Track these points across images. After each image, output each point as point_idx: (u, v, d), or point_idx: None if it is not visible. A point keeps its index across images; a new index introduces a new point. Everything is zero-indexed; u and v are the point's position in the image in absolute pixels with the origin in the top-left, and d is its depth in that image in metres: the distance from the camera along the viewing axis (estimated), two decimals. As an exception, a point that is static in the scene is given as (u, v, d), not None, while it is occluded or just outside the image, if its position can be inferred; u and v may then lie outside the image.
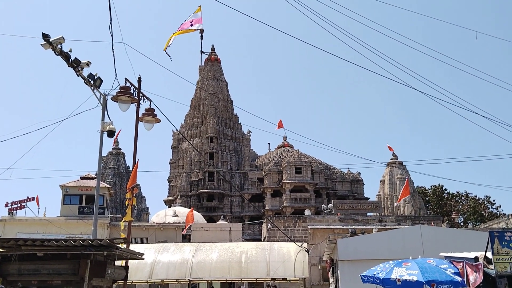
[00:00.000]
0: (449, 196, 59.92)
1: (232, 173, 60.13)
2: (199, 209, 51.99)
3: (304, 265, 13.08)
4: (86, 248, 7.42)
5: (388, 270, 7.16)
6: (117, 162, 54.07)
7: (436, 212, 54.28)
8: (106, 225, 30.72)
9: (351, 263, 11.53)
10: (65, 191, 32.35)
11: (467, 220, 56.06)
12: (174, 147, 65.99)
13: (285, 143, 65.84)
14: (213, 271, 13.54)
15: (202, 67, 67.60)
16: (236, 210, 58.26)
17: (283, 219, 35.28)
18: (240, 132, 65.88)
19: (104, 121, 10.28)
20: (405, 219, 34.88)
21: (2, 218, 30.53)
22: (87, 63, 9.84)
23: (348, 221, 33.20)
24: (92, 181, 32.02)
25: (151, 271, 13.25)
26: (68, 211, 31.58)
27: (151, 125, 11.13)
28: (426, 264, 7.09)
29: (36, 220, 30.55)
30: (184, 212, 39.77)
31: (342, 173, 61.53)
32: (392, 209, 46.20)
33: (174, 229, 34.23)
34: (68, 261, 7.67)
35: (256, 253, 13.97)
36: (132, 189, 10.40)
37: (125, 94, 10.33)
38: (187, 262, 13.52)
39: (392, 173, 47.96)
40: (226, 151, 61.91)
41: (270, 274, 13.14)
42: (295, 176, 54.41)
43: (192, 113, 65.86)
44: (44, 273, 7.64)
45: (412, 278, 6.72)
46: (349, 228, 28.54)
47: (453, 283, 6.71)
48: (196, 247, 14.67)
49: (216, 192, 58.28)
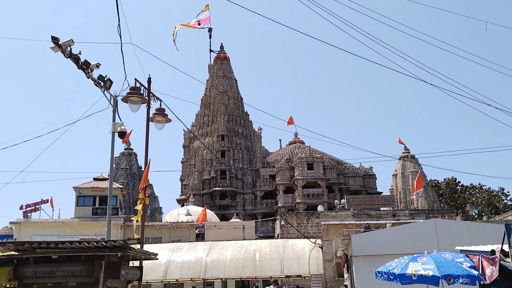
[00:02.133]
0: (463, 188, 59.37)
1: (244, 171, 60.17)
2: (211, 207, 52.13)
3: (319, 262, 13.04)
4: (100, 249, 7.45)
5: (403, 265, 7.08)
6: (129, 163, 54.40)
7: (450, 205, 53.81)
8: (120, 226, 30.92)
9: (365, 258, 11.45)
10: (78, 192, 32.63)
11: (481, 213, 55.51)
12: (185, 146, 66.19)
13: (296, 139, 65.67)
14: (227, 269, 13.54)
15: (212, 66, 67.65)
16: (248, 208, 58.31)
17: (296, 216, 35.21)
18: (251, 129, 65.87)
19: (115, 122, 10.31)
20: (418, 213, 34.61)
21: (17, 221, 30.89)
22: (96, 64, 9.87)
23: (361, 216, 33.03)
24: (105, 182, 32.26)
25: (165, 270, 13.29)
26: (82, 213, 31.85)
27: (162, 125, 11.14)
28: (442, 258, 7.00)
29: (51, 222, 30.86)
30: (197, 210, 39.90)
31: (354, 168, 61.24)
32: (405, 203, 45.89)
33: (187, 228, 34.36)
34: (82, 263, 7.71)
35: (270, 250, 13.95)
36: (144, 189, 10.43)
37: (135, 94, 10.35)
38: (201, 261, 13.54)
39: (405, 167, 47.60)
40: (238, 148, 61.94)
41: (284, 271, 13.11)
42: (307, 172, 54.28)
43: (203, 111, 65.98)
44: (59, 275, 7.68)
45: (428, 273, 6.64)
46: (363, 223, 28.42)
47: (470, 277, 6.62)
48: (210, 245, 14.69)
49: (228, 190, 58.37)
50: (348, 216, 33.53)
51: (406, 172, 47.16)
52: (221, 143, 60.37)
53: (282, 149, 66.62)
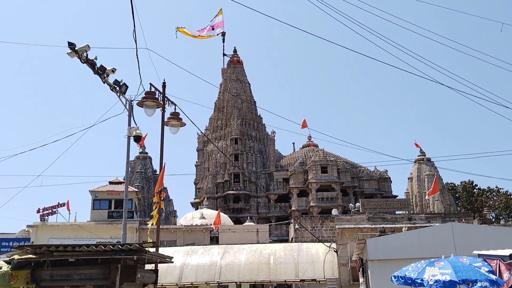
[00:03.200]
0: (480, 192, 58.58)
1: (257, 174, 60.17)
2: (225, 211, 52.19)
3: (334, 266, 12.96)
4: (116, 252, 7.50)
5: (420, 270, 6.99)
6: (144, 166, 54.76)
7: (467, 208, 53.14)
8: (135, 229, 31.12)
9: (381, 262, 11.35)
10: (94, 196, 32.93)
11: (499, 216, 54.70)
12: (199, 150, 66.44)
13: (309, 142, 65.48)
14: (241, 273, 13.54)
15: (225, 70, 67.88)
16: (262, 211, 58.26)
17: (310, 219, 35.05)
18: (264, 133, 65.88)
19: (131, 127, 10.39)
20: (435, 217, 34.21)
21: (34, 224, 31.29)
22: (112, 69, 9.97)
23: (376, 220, 32.78)
24: (120, 186, 32.53)
25: (180, 274, 13.33)
26: (97, 216, 32.14)
27: (176, 129, 11.21)
28: (459, 262, 6.90)
29: (67, 225, 31.20)
30: (211, 214, 39.98)
31: (369, 171, 60.83)
32: (421, 207, 45.44)
33: (201, 231, 34.44)
34: (99, 266, 7.77)
35: (284, 254, 13.91)
36: (159, 193, 10.49)
37: (150, 99, 10.43)
38: (216, 264, 13.56)
39: (420, 170, 47.17)
40: (251, 152, 61.98)
41: (299, 275, 13.06)
42: (321, 176, 54.07)
43: (216, 115, 66.21)
44: (76, 278, 7.75)
45: (446, 277, 6.54)
46: (378, 227, 28.20)
47: (488, 281, 6.51)
48: (225, 249, 14.70)
49: (242, 194, 58.40)
50: (363, 220, 33.30)
51: (422, 175, 46.72)
52: (234, 147, 60.48)
53: (296, 153, 66.48)
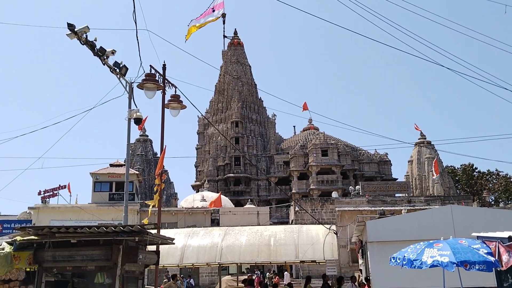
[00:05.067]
0: (480, 175, 58.75)
1: (258, 157, 60.28)
2: (226, 193, 52.43)
3: (333, 247, 13.05)
4: (118, 234, 7.56)
5: (419, 251, 7.05)
6: (145, 149, 54.84)
7: (466, 191, 53.35)
8: (136, 211, 31.36)
9: (380, 244, 11.43)
10: (95, 178, 33.07)
11: (498, 199, 54.96)
12: (200, 133, 66.45)
13: (310, 125, 65.45)
14: (242, 254, 13.65)
15: (225, 52, 67.47)
16: (263, 194, 58.52)
17: (311, 202, 35.27)
18: (265, 115, 65.79)
19: (131, 109, 10.38)
20: (434, 199, 34.42)
21: (36, 206, 31.49)
22: (112, 51, 9.91)
23: (376, 203, 32.97)
24: (121, 168, 32.64)
25: (181, 255, 13.45)
26: (99, 198, 32.32)
27: (177, 112, 11.18)
28: (458, 244, 6.96)
29: (69, 207, 31.40)
30: (212, 196, 40.19)
31: (369, 154, 60.91)
32: (421, 190, 45.62)
33: (202, 214, 34.72)
34: (101, 247, 7.83)
35: (284, 236, 14.00)
36: (160, 175, 10.51)
37: (150, 81, 10.39)
38: (217, 246, 13.67)
39: (420, 153, 47.22)
40: (252, 135, 61.98)
41: (299, 256, 13.16)
42: (322, 159, 54.17)
43: (217, 98, 66.04)
44: (78, 259, 7.82)
45: (444, 259, 6.61)
46: (378, 210, 28.40)
47: (487, 263, 6.58)
48: (225, 231, 14.80)
49: (242, 176, 58.59)
50: (363, 203, 33.49)
51: (422, 158, 46.79)
52: (235, 130, 60.47)
53: (296, 136, 66.49)
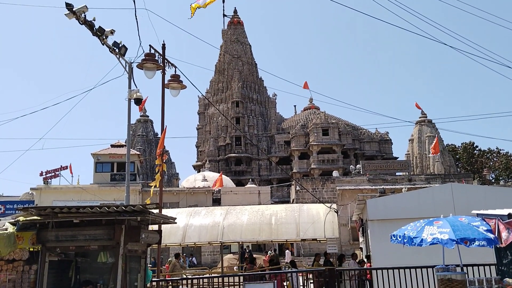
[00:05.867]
0: (480, 153, 58.82)
1: (259, 137, 60.30)
2: (227, 173, 52.62)
3: (334, 226, 13.14)
4: (120, 214, 7.60)
5: (419, 229, 7.09)
6: (146, 130, 54.86)
7: (467, 169, 53.47)
8: (138, 191, 31.53)
9: (381, 222, 11.50)
10: (96, 159, 33.16)
11: (498, 177, 55.12)
12: (200, 113, 66.34)
13: (311, 105, 65.28)
14: (244, 233, 13.75)
15: (225, 31, 66.86)
16: (264, 174, 58.72)
17: (311, 181, 35.44)
18: (265, 95, 65.56)
19: (131, 89, 10.35)
20: (435, 178, 34.53)
21: (38, 187, 31.64)
22: (111, 31, 9.83)
23: (376, 181, 33.12)
24: (122, 149, 32.71)
25: (183, 234, 13.55)
26: (100, 179, 32.47)
27: (177, 92, 11.15)
28: (458, 222, 7.00)
29: (71, 188, 31.57)
30: (213, 176, 40.35)
31: (370, 133, 60.89)
32: (421, 168, 45.72)
33: (204, 193, 34.92)
34: (103, 227, 7.89)
35: (285, 215, 14.08)
36: (161, 155, 10.53)
37: (150, 61, 10.33)
38: (218, 225, 13.76)
39: (421, 132, 47.19)
40: (252, 115, 61.89)
41: (300, 235, 13.26)
42: (322, 138, 54.18)
43: (217, 78, 65.72)
44: (81, 238, 7.88)
45: (444, 236, 6.65)
46: (378, 188, 28.51)
47: (486, 240, 6.63)
48: (227, 210, 14.89)
49: (243, 156, 58.71)
50: (363, 181, 33.63)
51: (422, 137, 46.78)
52: (235, 110, 60.34)
53: (297, 115, 66.38)
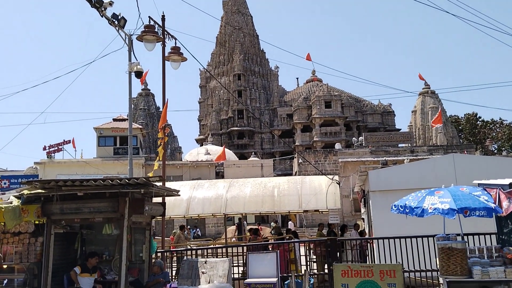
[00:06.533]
0: (483, 124, 58.68)
1: (261, 110, 60.14)
2: (230, 147, 52.74)
3: (336, 197, 13.23)
4: (124, 186, 7.67)
5: (420, 199, 7.12)
6: (147, 103, 54.76)
7: (470, 140, 53.44)
8: (141, 165, 31.71)
9: (382, 193, 11.57)
10: (99, 133, 33.25)
11: (501, 148, 55.11)
12: (202, 86, 66.04)
13: (313, 77, 64.82)
14: (247, 205, 13.87)
15: (226, 2, 65.92)
16: (266, 147, 58.82)
17: (314, 154, 35.52)
18: (267, 68, 65.06)
19: (131, 62, 10.29)
20: (437, 149, 34.58)
21: (42, 161, 31.84)
22: (109, 2, 9.70)
23: (379, 153, 33.18)
24: (124, 123, 32.75)
25: (187, 206, 13.68)
26: (103, 152, 32.63)
27: (177, 64, 11.07)
28: (459, 191, 7.02)
29: (74, 162, 31.76)
30: (216, 150, 40.45)
31: (373, 105, 60.66)
32: (424, 140, 45.71)
33: (207, 167, 35.10)
34: (107, 200, 7.98)
35: (288, 187, 14.17)
36: (163, 128, 10.54)
37: (149, 33, 10.23)
38: (222, 197, 13.87)
39: (424, 103, 46.98)
40: (254, 88, 61.58)
41: (302, 206, 13.36)
42: (325, 111, 54.02)
43: (218, 50, 65.13)
44: (85, 211, 7.98)
45: (445, 206, 6.68)
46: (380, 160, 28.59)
47: (487, 209, 6.66)
48: (230, 183, 14.98)
49: (246, 130, 58.70)
50: (366, 154, 33.71)
51: (425, 108, 46.60)
52: (237, 83, 60.01)
53: (300, 88, 66.02)
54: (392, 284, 7.14)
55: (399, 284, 7.17)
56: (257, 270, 8.74)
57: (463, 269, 6.80)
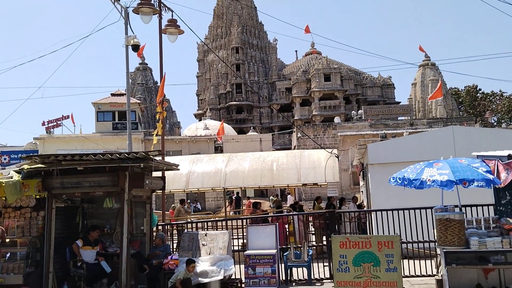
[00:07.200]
0: (483, 96, 58.52)
1: (259, 84, 59.81)
2: (228, 122, 52.67)
3: (335, 170, 13.27)
4: (123, 161, 7.70)
5: (418, 171, 7.13)
6: (145, 78, 54.39)
7: (469, 113, 53.37)
8: (141, 140, 31.73)
9: (381, 166, 11.61)
10: (97, 108, 33.15)
11: (501, 120, 55.12)
12: (200, 60, 65.49)
13: (312, 50, 64.20)
14: (246, 179, 13.93)
15: (223, -27, 64.81)
16: (265, 121, 58.74)
17: (313, 128, 35.49)
18: (266, 40, 64.37)
19: (128, 35, 10.18)
20: (437, 122, 34.56)
21: (41, 137, 31.83)
22: (104, -26, 9.54)
23: (378, 127, 33.18)
24: (122, 98, 32.63)
25: (187, 181, 13.74)
26: (102, 128, 32.61)
27: (175, 37, 10.95)
28: (458, 163, 7.04)
29: (73, 137, 31.75)
30: (214, 124, 40.40)
31: (372, 78, 60.31)
32: (423, 112, 45.64)
33: (206, 142, 35.14)
34: (107, 174, 8.02)
35: (287, 161, 14.20)
36: (161, 102, 10.51)
37: (146, 5, 10.10)
38: (221, 171, 13.92)
39: (424, 75, 46.71)
40: (253, 61, 61.08)
41: (301, 180, 13.42)
42: (324, 84, 53.72)
43: (216, 23, 64.33)
44: (86, 185, 8.03)
45: (443, 177, 6.70)
46: (380, 133, 28.61)
47: (485, 180, 6.69)
48: (229, 157, 15.01)
49: (244, 104, 58.50)
50: (365, 127, 33.70)
51: (425, 80, 46.37)
52: (235, 56, 59.48)
53: (298, 61, 65.48)
54: (390, 255, 7.24)
55: (397, 254, 7.26)
56: (256, 242, 8.84)
57: (460, 239, 6.88)
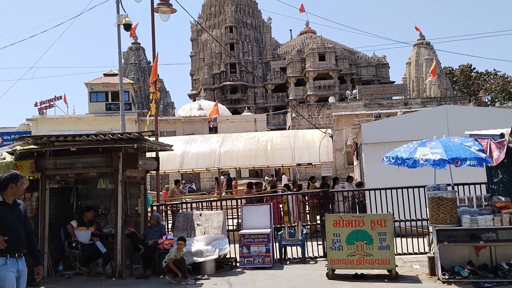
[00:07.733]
0: (477, 75, 58.51)
1: (254, 64, 59.42)
2: (223, 102, 52.46)
3: (329, 150, 13.31)
4: (116, 141, 7.68)
5: (411, 150, 7.17)
6: (138, 58, 53.89)
7: (463, 92, 53.42)
8: (134, 120, 31.60)
9: (375, 145, 11.66)
10: (90, 88, 32.90)
11: (494, 99, 55.24)
12: (193, 39, 64.84)
13: (307, 29, 63.67)
14: (240, 159, 13.94)
15: (216, -50, 63.72)
16: (260, 101, 58.55)
17: (307, 108, 35.48)
18: (260, 19, 63.73)
19: (119, 14, 10.05)
20: (431, 101, 34.62)
21: (34, 118, 31.63)
22: (94, -48, 9.36)
23: (372, 106, 33.20)
24: (115, 78, 32.35)
25: (181, 161, 13.74)
26: (95, 108, 32.42)
27: (167, 16, 10.81)
28: (450, 142, 7.07)
29: (66, 118, 31.58)
30: (209, 105, 40.26)
31: (367, 57, 60.05)
32: (418, 92, 45.65)
33: (200, 122, 35.08)
34: (101, 155, 8.01)
35: (281, 141, 14.22)
36: (154, 83, 10.44)
37: (137, -16, 9.94)
38: (215, 152, 13.91)
39: (419, 54, 46.57)
40: (247, 41, 60.55)
41: (295, 160, 13.46)
42: (319, 64, 53.47)
43: (209, 1, 63.53)
44: (79, 166, 8.02)
45: (436, 156, 6.74)
46: (374, 113, 28.66)
47: (477, 159, 6.73)
48: (223, 137, 14.99)
49: (239, 84, 58.20)
50: (359, 107, 33.72)
51: (420, 59, 46.25)
52: (229, 35, 58.91)
53: (293, 40, 64.99)
54: (383, 233, 7.30)
55: (389, 233, 7.33)
56: (251, 222, 8.90)
57: (452, 217, 6.95)
